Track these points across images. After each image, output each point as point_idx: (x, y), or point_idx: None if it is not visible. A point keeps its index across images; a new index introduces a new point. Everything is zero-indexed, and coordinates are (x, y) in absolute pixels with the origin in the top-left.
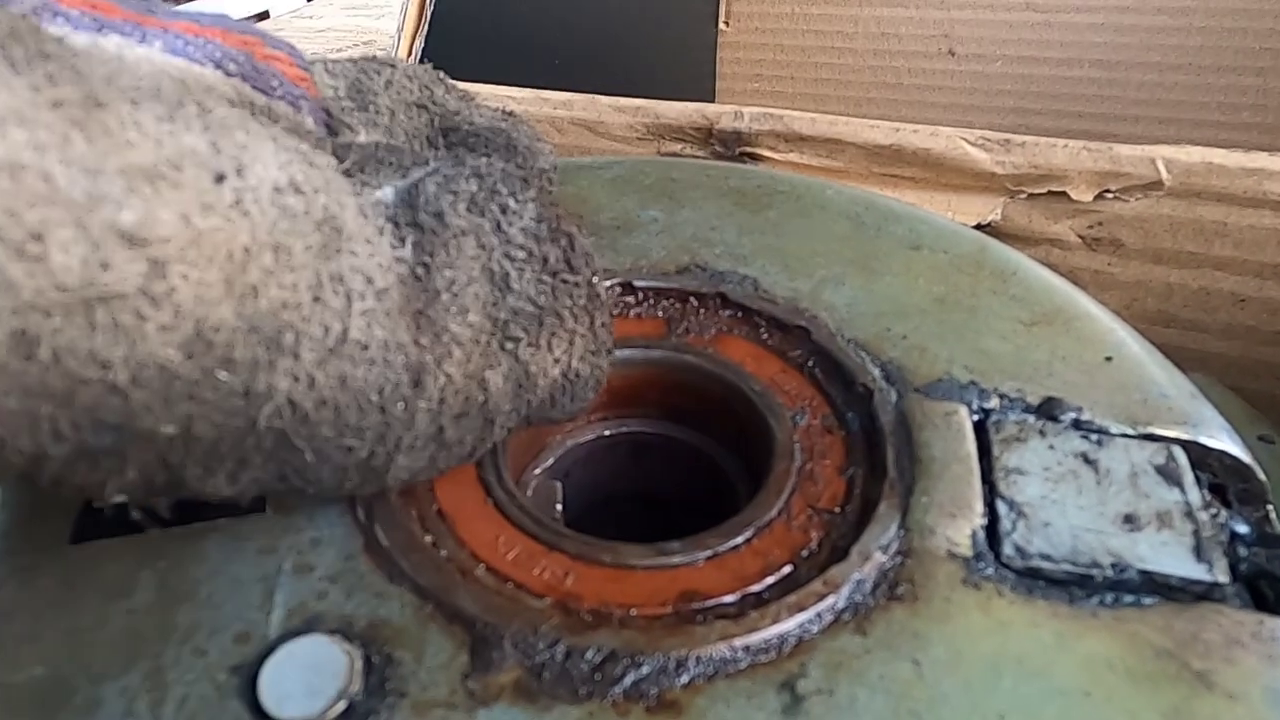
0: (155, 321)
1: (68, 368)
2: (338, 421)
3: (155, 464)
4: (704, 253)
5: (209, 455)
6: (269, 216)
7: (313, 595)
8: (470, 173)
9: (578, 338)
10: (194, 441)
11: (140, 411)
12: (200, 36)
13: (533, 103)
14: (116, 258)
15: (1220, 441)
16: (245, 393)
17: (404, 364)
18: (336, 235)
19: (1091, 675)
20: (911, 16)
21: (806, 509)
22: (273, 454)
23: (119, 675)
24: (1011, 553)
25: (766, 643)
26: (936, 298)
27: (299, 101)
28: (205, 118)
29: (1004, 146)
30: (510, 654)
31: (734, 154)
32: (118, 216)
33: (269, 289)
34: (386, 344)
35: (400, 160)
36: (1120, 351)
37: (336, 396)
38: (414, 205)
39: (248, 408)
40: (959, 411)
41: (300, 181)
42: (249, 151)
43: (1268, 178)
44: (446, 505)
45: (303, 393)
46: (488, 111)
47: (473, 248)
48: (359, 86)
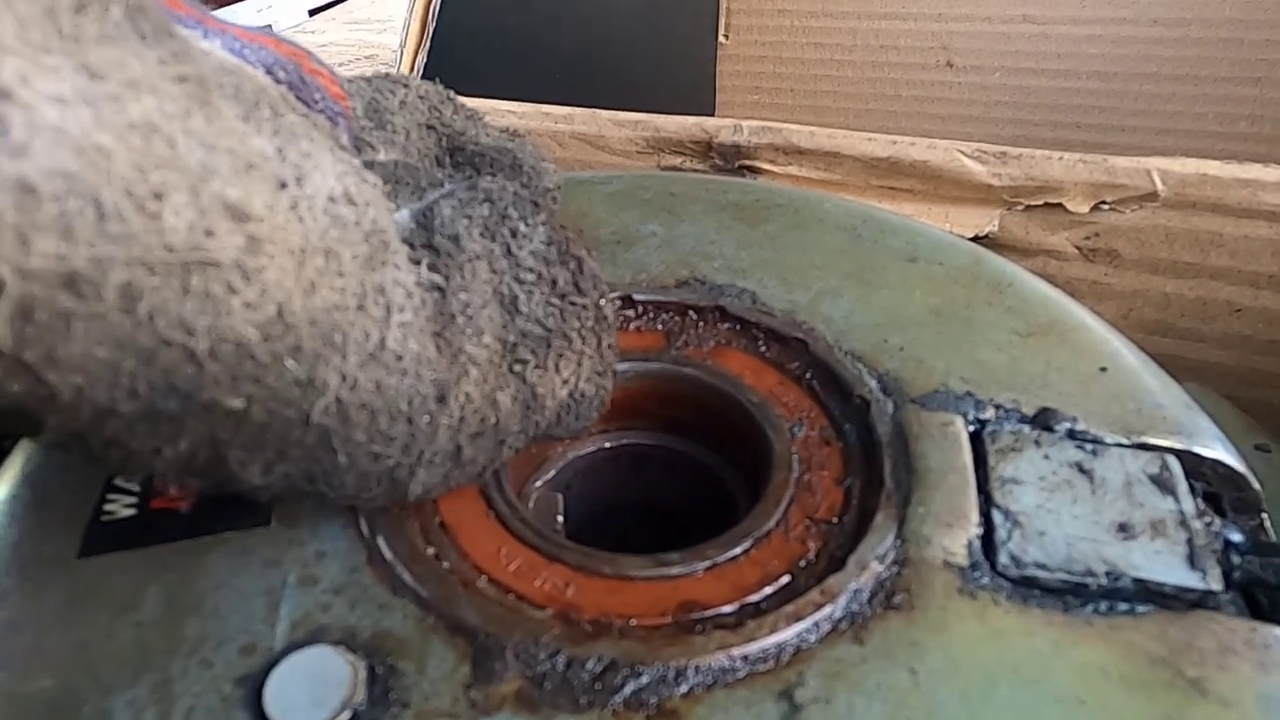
0: (242, 297)
1: (157, 327)
2: (371, 427)
3: (205, 439)
4: (703, 266)
5: (255, 440)
6: (320, 223)
7: (317, 607)
8: (483, 196)
9: (585, 359)
10: (247, 423)
11: (210, 383)
12: (255, 42)
13: (534, 117)
14: (220, 227)
15: (1214, 451)
16: (305, 383)
17: (432, 379)
18: (383, 248)
19: (1086, 683)
20: (910, 29)
21: (804, 519)
22: (311, 451)
23: (126, 687)
24: (1007, 562)
25: (765, 652)
26: (933, 309)
27: (337, 118)
28: (276, 122)
29: (1000, 159)
30: (512, 664)
31: (733, 167)
32: (225, 190)
33: (322, 289)
34: (419, 357)
35: (416, 180)
36: (1115, 362)
37: (373, 401)
38: (429, 228)
39: (303, 399)
40: (955, 422)
41: (353, 194)
42: (311, 160)
43: (1262, 188)
44: (449, 518)
45: (348, 393)
46: (494, 131)
47: (486, 272)
48: (375, 106)
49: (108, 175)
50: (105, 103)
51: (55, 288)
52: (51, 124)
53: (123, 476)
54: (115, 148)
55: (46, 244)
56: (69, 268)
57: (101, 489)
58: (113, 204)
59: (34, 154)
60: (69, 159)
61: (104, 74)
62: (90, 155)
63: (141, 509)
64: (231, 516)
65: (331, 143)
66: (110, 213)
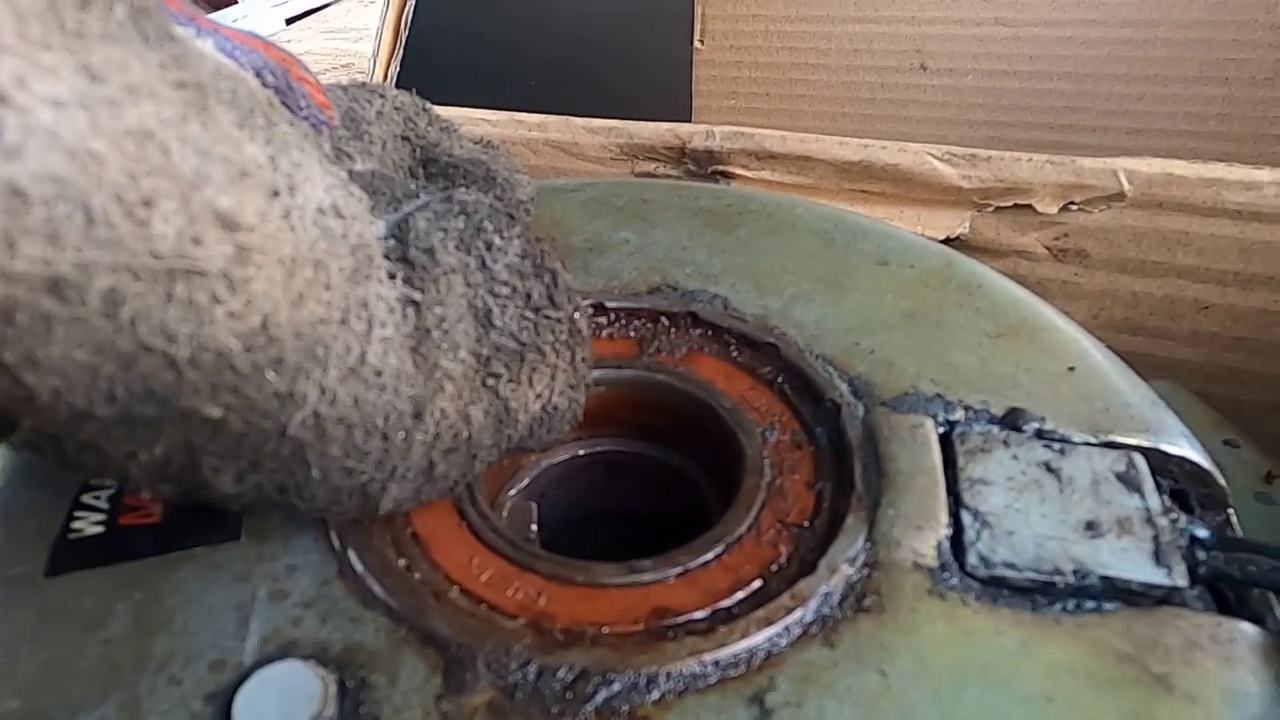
0: (226, 307)
1: (139, 333)
2: (346, 442)
3: (180, 446)
4: (675, 272)
5: (231, 449)
6: (310, 234)
7: (287, 621)
8: (458, 209)
9: (558, 373)
10: (223, 432)
11: (189, 391)
12: (245, 44)
13: (508, 125)
14: (209, 236)
15: (1180, 448)
16: (284, 395)
17: (409, 395)
18: (368, 262)
19: (1054, 682)
20: (884, 32)
21: (776, 524)
22: (285, 463)
23: (95, 706)
24: (976, 562)
25: (736, 657)
26: (904, 312)
27: (320, 126)
28: (269, 130)
29: (970, 161)
30: (483, 675)
31: (707, 173)
32: (217, 198)
33: (309, 301)
34: (398, 373)
35: (392, 191)
36: (1083, 361)
37: (350, 416)
38: (404, 240)
39: (280, 411)
40: (925, 424)
41: (341, 206)
42: (302, 170)
43: (1226, 188)
44: (420, 529)
45: (326, 407)
46: (468, 143)
47: (461, 285)
48: (352, 115)
49: (99, 181)
50: (102, 107)
51: (38, 291)
52: (46, 128)
53: (95, 480)
54: (109, 153)
55: (32, 248)
56: (53, 272)
57: (69, 507)
58: (101, 210)
59: (26, 158)
60: (61, 164)
61: (104, 76)
62: (83, 160)
63: (109, 526)
64: (201, 531)
65: (319, 153)
66: (99, 218)
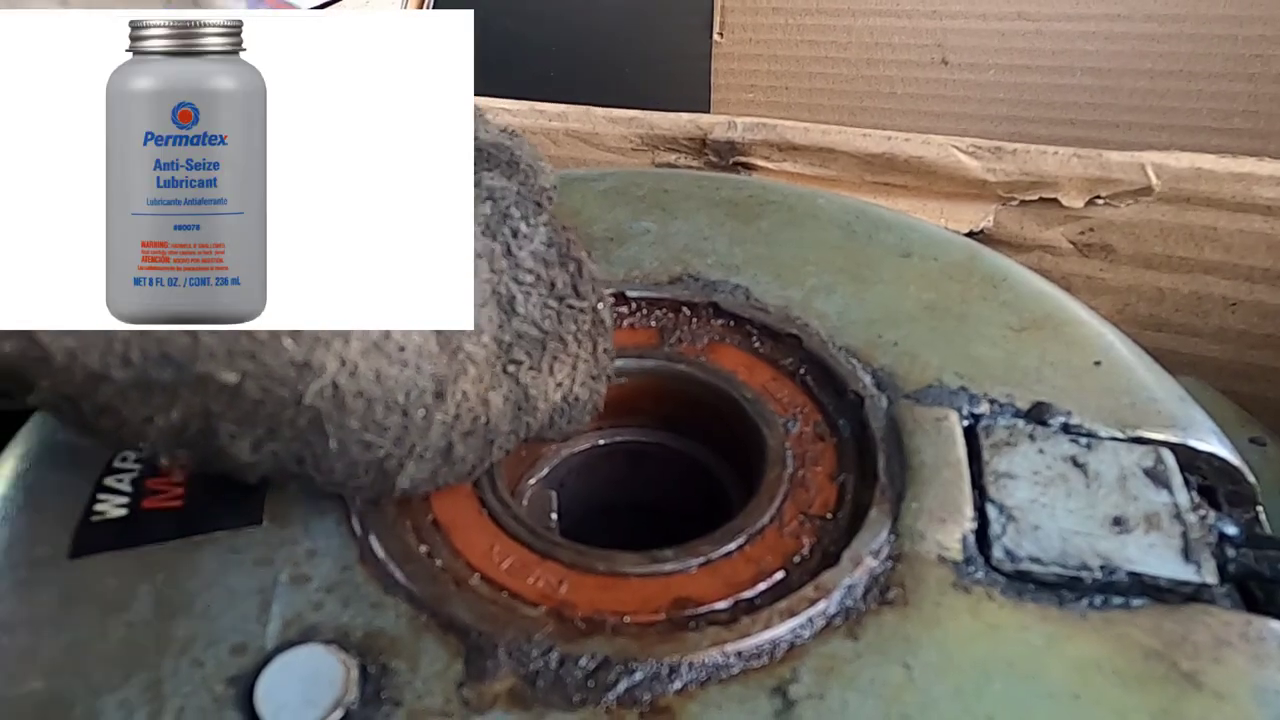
0: None
1: None
2: (366, 415)
3: (198, 411)
4: (696, 263)
5: (248, 416)
6: None
7: (309, 606)
8: (485, 194)
9: (580, 363)
10: (240, 398)
11: (205, 356)
12: None
13: (528, 115)
14: None
15: (1209, 444)
16: (301, 364)
17: (432, 373)
18: None
19: (1081, 677)
20: (905, 26)
21: (798, 515)
22: (302, 433)
23: (117, 688)
24: (1001, 556)
25: (758, 648)
26: (927, 305)
27: None
28: None
29: (995, 154)
30: (505, 662)
31: (728, 164)
32: None
33: None
34: (420, 350)
35: None
36: (1109, 355)
37: (371, 389)
38: None
39: (298, 380)
40: (949, 417)
41: None
42: None
43: (1256, 182)
44: (442, 516)
45: (346, 379)
46: (492, 128)
47: (485, 271)
48: None
49: None
50: None
51: None
52: None
53: (113, 447)
54: None
55: None
56: None
57: (92, 489)
58: None
59: None
60: None
61: None
62: None
63: (132, 509)
64: (223, 515)
65: None
66: None
